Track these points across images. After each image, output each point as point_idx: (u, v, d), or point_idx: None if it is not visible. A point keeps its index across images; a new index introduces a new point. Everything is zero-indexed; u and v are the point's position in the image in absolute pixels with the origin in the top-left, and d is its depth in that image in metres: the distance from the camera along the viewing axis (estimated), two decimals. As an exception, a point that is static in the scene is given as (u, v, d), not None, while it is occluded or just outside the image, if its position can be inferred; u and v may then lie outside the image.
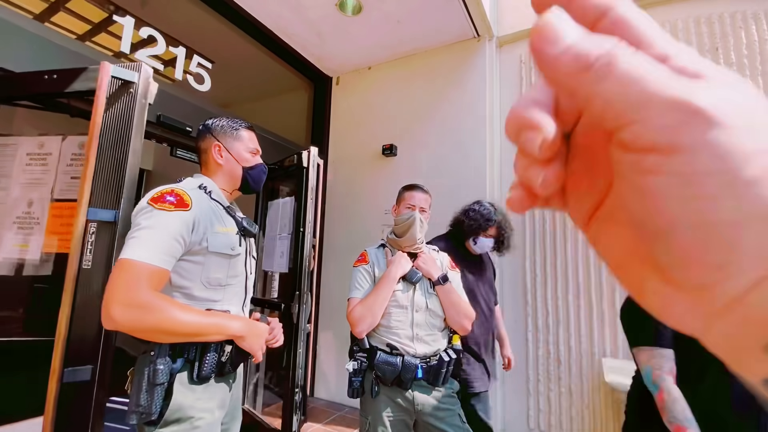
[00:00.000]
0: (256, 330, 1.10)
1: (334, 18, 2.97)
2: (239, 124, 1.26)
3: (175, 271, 1.01)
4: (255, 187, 1.27)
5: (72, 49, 1.98)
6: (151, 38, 2.46)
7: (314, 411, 3.19)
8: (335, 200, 3.69)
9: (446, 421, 1.41)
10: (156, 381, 0.95)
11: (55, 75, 1.58)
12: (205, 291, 1.06)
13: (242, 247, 1.16)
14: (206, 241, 1.04)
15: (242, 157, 1.23)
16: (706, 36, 2.57)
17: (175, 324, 0.93)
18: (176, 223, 0.98)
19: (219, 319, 1.03)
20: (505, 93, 3.20)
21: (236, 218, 1.18)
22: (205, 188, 1.14)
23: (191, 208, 1.02)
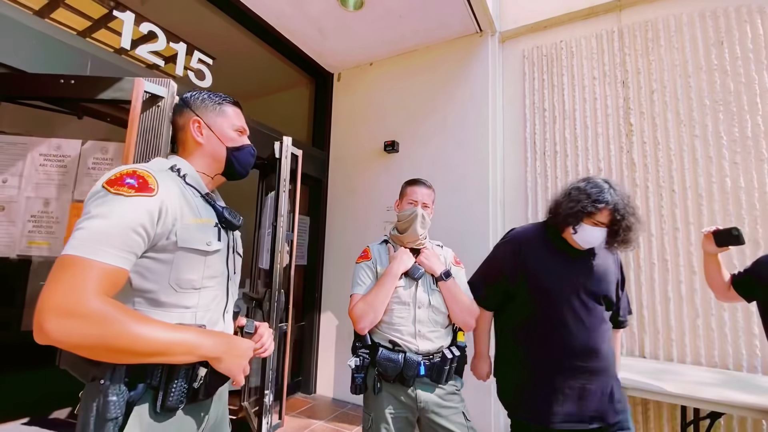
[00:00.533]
0: (236, 350, 0.89)
1: (335, 13, 2.95)
2: (223, 98, 1.08)
3: (136, 271, 0.81)
4: (241, 172, 1.08)
5: (72, 44, 1.96)
6: (152, 34, 2.44)
7: (317, 408, 3.19)
8: (337, 197, 3.68)
9: (450, 419, 1.40)
10: (107, 416, 0.75)
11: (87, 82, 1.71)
12: (175, 295, 0.86)
13: (222, 242, 0.97)
14: (175, 235, 0.85)
15: (226, 135, 1.04)
16: (712, 30, 2.54)
17: (131, 340, 0.72)
18: (136, 211, 0.78)
19: (189, 335, 0.82)
20: (508, 88, 3.18)
21: (216, 207, 1.00)
22: (179, 171, 0.96)
23: (156, 194, 0.82)
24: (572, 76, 2.93)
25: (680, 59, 2.60)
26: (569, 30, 3.00)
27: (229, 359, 0.87)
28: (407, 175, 2.14)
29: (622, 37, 2.79)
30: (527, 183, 2.98)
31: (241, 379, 0.90)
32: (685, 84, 2.57)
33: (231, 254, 1.03)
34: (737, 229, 1.58)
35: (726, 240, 1.59)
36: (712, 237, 1.63)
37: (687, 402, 1.82)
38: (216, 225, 0.97)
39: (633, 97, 2.70)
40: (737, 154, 2.39)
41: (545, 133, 2.97)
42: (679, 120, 2.55)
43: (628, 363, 2.30)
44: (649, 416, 2.38)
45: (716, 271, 1.69)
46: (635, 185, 2.61)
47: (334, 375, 3.43)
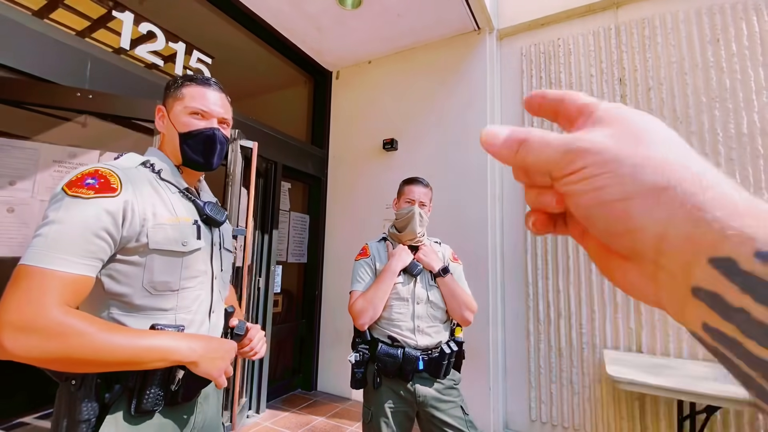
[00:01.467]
0: (214, 352, 0.84)
1: (333, 12, 2.96)
2: (191, 78, 0.98)
3: (107, 275, 0.78)
4: (198, 161, 0.95)
5: (71, 45, 1.98)
6: (151, 34, 2.45)
7: (317, 404, 3.22)
8: (336, 195, 3.69)
9: (448, 413, 1.42)
10: (79, 417, 0.73)
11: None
12: (150, 298, 0.82)
13: (203, 240, 0.92)
14: (146, 236, 0.80)
15: (179, 120, 0.94)
16: (708, 27, 2.55)
17: (96, 352, 0.69)
18: (96, 213, 0.74)
19: (162, 340, 0.78)
20: (506, 86, 3.20)
21: (197, 203, 0.94)
22: (152, 166, 0.90)
23: (119, 193, 0.78)
24: (570, 73, 2.94)
25: (677, 56, 2.61)
26: (567, 27, 3.01)
27: (207, 362, 0.82)
28: (406, 173, 2.15)
29: (619, 34, 2.81)
30: (525, 180, 3.00)
31: (222, 382, 0.86)
32: (682, 81, 2.58)
33: (217, 251, 0.99)
34: None
35: None
36: None
37: (683, 396, 1.84)
38: (195, 222, 0.91)
39: (630, 95, 2.72)
40: (733, 151, 2.40)
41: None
42: (676, 117, 2.57)
43: (624, 358, 2.32)
44: (645, 411, 2.41)
45: None
46: (632, 182, 2.63)
47: (334, 372, 3.46)
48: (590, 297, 2.66)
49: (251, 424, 2.81)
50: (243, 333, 1.03)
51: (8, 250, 1.77)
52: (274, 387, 3.23)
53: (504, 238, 3.03)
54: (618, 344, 2.54)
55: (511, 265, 2.98)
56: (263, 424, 2.82)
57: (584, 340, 2.64)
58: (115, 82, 2.14)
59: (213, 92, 0.98)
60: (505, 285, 2.98)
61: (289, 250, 3.55)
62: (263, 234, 3.11)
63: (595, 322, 2.62)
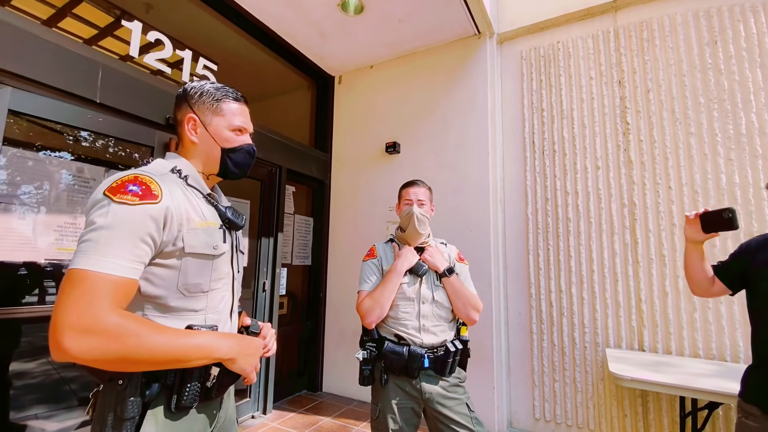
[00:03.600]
0: (248, 348, 0.91)
1: (336, 18, 3.01)
2: (224, 92, 1.02)
3: (144, 278, 0.81)
4: (237, 173, 1.04)
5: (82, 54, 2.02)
6: (158, 41, 2.51)
7: (323, 405, 3.25)
8: (339, 198, 3.74)
9: (454, 410, 1.46)
10: (125, 415, 0.77)
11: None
12: (184, 300, 0.87)
13: (227, 244, 0.97)
14: (182, 240, 0.84)
15: (222, 135, 0.99)
16: (705, 29, 2.59)
17: (149, 351, 0.74)
18: (142, 219, 0.77)
19: (205, 339, 0.83)
20: (507, 89, 3.24)
21: (219, 208, 0.98)
22: (180, 172, 0.94)
23: (161, 200, 0.81)
24: (569, 76, 2.98)
25: (675, 58, 2.65)
26: (566, 31, 3.05)
27: (243, 359, 0.88)
28: (409, 176, 2.19)
29: (617, 37, 2.85)
30: (527, 181, 3.04)
31: (253, 377, 0.92)
32: (680, 83, 2.62)
33: (236, 253, 1.03)
34: (731, 210, 1.33)
35: (716, 224, 1.36)
36: (698, 221, 1.41)
37: (685, 393, 1.87)
38: (220, 227, 0.95)
39: (629, 96, 2.76)
40: (732, 151, 2.44)
41: (544, 132, 3.03)
42: (675, 118, 2.61)
43: (626, 356, 2.35)
44: (648, 408, 2.43)
45: (700, 261, 1.47)
46: (632, 183, 2.67)
47: (339, 372, 3.49)
48: (592, 296, 2.69)
49: (258, 424, 2.85)
50: (258, 331, 1.07)
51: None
52: (280, 388, 3.27)
53: (506, 240, 3.06)
54: (620, 342, 2.57)
55: (513, 266, 3.01)
56: (270, 424, 2.85)
57: (586, 338, 2.67)
58: (124, 90, 2.19)
59: (245, 108, 1.06)
60: (507, 285, 3.02)
61: (294, 253, 3.59)
62: (268, 237, 3.16)
63: (597, 321, 2.66)
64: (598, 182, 2.78)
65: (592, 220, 2.76)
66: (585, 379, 2.65)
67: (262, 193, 3.21)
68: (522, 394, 2.87)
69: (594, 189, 2.79)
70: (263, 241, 3.12)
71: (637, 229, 2.62)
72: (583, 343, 2.68)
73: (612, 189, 2.73)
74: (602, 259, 2.69)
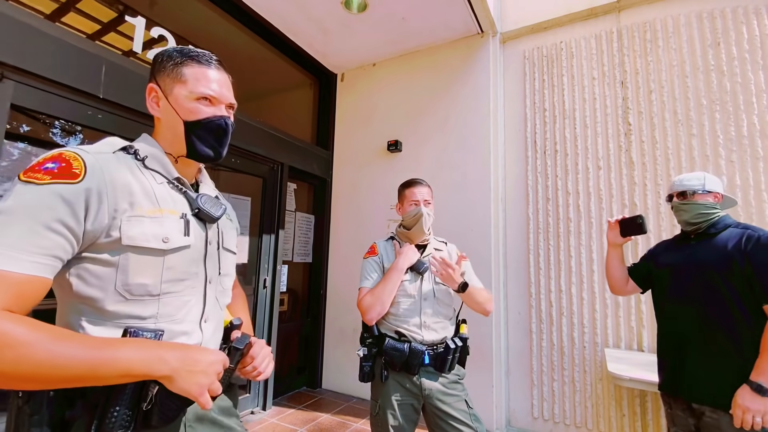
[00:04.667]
0: (195, 365, 0.70)
1: (339, 15, 3.01)
2: (186, 54, 0.84)
3: (76, 274, 0.68)
4: (205, 152, 0.85)
5: (86, 49, 2.03)
6: (162, 37, 2.51)
7: (323, 402, 3.27)
8: (341, 195, 3.74)
9: (453, 406, 1.47)
10: None
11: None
12: (124, 304, 0.70)
13: (193, 237, 0.80)
14: (118, 230, 0.69)
15: (183, 106, 0.82)
16: (708, 31, 2.59)
17: (36, 366, 0.57)
18: (49, 202, 0.63)
19: (129, 351, 0.65)
20: (509, 88, 3.24)
21: (188, 195, 0.83)
22: (136, 152, 0.79)
23: (82, 179, 0.66)
24: (572, 76, 2.98)
25: (678, 60, 2.65)
26: (569, 31, 3.05)
27: (184, 377, 0.68)
28: (410, 174, 2.20)
29: (621, 38, 2.85)
30: (528, 181, 3.04)
31: (205, 401, 0.70)
32: (683, 84, 2.62)
33: (213, 251, 0.86)
34: (641, 217, 1.56)
35: (630, 229, 1.58)
36: (618, 226, 1.63)
37: (683, 393, 1.88)
38: (183, 216, 0.79)
39: (632, 97, 2.76)
40: (733, 153, 2.44)
41: (545, 132, 3.03)
42: (677, 119, 2.61)
43: (625, 356, 2.36)
44: (647, 408, 2.44)
45: (618, 262, 1.69)
46: (634, 183, 2.67)
47: (339, 369, 3.50)
48: (591, 296, 2.70)
49: (258, 420, 2.86)
50: (242, 347, 0.84)
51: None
52: (279, 384, 3.28)
53: (507, 239, 3.07)
54: (619, 343, 2.58)
55: (513, 265, 3.02)
56: (270, 420, 2.87)
57: (586, 338, 2.68)
58: (128, 86, 2.19)
59: (218, 73, 0.87)
60: (508, 285, 3.02)
61: (295, 250, 3.60)
62: (270, 234, 3.17)
63: (596, 321, 2.66)
64: (599, 183, 2.78)
65: (593, 220, 2.77)
66: (584, 378, 2.66)
67: (264, 190, 3.22)
68: (521, 393, 2.88)
69: (595, 189, 2.79)
70: (264, 238, 3.13)
71: (637, 230, 2.62)
72: (583, 343, 2.69)
73: (613, 189, 2.73)
74: (602, 259, 2.70)
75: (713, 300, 1.37)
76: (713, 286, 1.37)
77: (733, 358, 1.31)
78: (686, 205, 1.47)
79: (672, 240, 1.64)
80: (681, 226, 1.55)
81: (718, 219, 1.45)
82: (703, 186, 1.46)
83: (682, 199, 1.49)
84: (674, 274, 1.51)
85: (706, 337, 1.37)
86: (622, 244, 1.67)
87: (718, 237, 1.42)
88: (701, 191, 1.46)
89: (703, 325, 1.38)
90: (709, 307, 1.37)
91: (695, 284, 1.43)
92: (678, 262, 1.51)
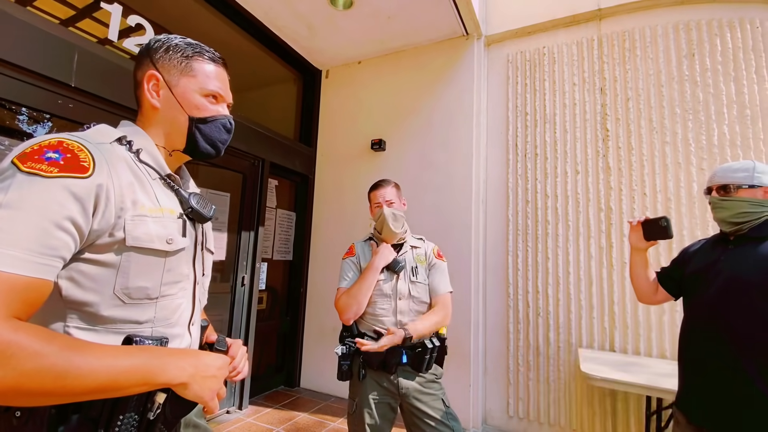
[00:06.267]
0: (207, 369, 0.69)
1: (324, 11, 2.98)
2: (197, 49, 0.82)
3: (68, 277, 0.62)
4: (207, 150, 0.83)
5: (57, 35, 1.95)
6: (139, 26, 2.43)
7: (300, 400, 3.24)
8: (324, 193, 3.72)
9: (429, 405, 1.48)
10: None
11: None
12: (122, 309, 0.66)
13: (188, 238, 0.77)
14: (123, 230, 0.65)
15: (191, 101, 0.79)
16: (684, 42, 2.67)
17: (58, 378, 0.52)
18: (61, 198, 0.57)
19: (145, 358, 0.62)
20: (492, 91, 3.28)
21: (181, 193, 0.79)
22: (130, 143, 0.73)
23: (92, 174, 0.61)
24: (554, 81, 3.04)
25: (654, 69, 2.73)
26: (552, 37, 3.10)
27: (199, 383, 0.66)
28: (393, 174, 2.20)
29: (601, 45, 2.91)
30: (509, 183, 3.09)
31: (214, 406, 0.69)
32: (659, 93, 2.70)
33: (199, 252, 0.83)
34: (666, 219, 1.36)
35: (655, 233, 1.40)
36: (640, 228, 1.44)
37: (651, 392, 1.94)
38: (180, 216, 0.76)
39: (610, 104, 2.83)
40: (704, 161, 2.53)
41: (527, 135, 3.08)
42: (652, 127, 2.69)
43: (598, 356, 2.42)
44: (617, 407, 2.52)
45: (643, 268, 1.48)
46: (610, 188, 2.74)
47: (318, 368, 3.48)
48: (567, 298, 2.76)
49: (233, 419, 2.82)
50: (225, 349, 0.86)
51: None
52: (256, 383, 3.24)
53: (487, 240, 3.11)
54: (592, 343, 2.65)
55: (493, 266, 3.06)
56: (246, 420, 2.83)
57: (561, 338, 2.74)
58: (101, 75, 2.11)
59: (224, 71, 0.85)
60: (487, 285, 3.06)
61: (275, 247, 3.56)
62: (249, 231, 3.12)
63: (571, 321, 2.73)
64: (577, 186, 2.85)
65: (570, 223, 2.83)
66: (558, 377, 2.72)
67: (244, 186, 3.16)
68: (497, 392, 2.93)
69: (573, 193, 2.85)
70: (243, 235, 3.07)
71: (612, 234, 2.69)
72: (558, 343, 2.75)
73: (590, 194, 2.80)
74: (578, 261, 2.76)
75: (745, 321, 1.13)
76: (745, 303, 1.13)
77: (762, 393, 1.08)
78: (726, 202, 1.21)
79: (709, 240, 1.37)
80: (718, 225, 1.28)
81: (767, 220, 1.18)
82: (751, 179, 1.19)
83: (723, 194, 1.23)
84: (702, 283, 1.27)
85: (731, 363, 1.14)
86: (646, 249, 1.46)
87: (763, 244, 1.16)
88: (747, 186, 1.18)
89: (729, 349, 1.15)
90: (739, 328, 1.14)
91: (725, 298, 1.19)
92: (709, 269, 1.26)
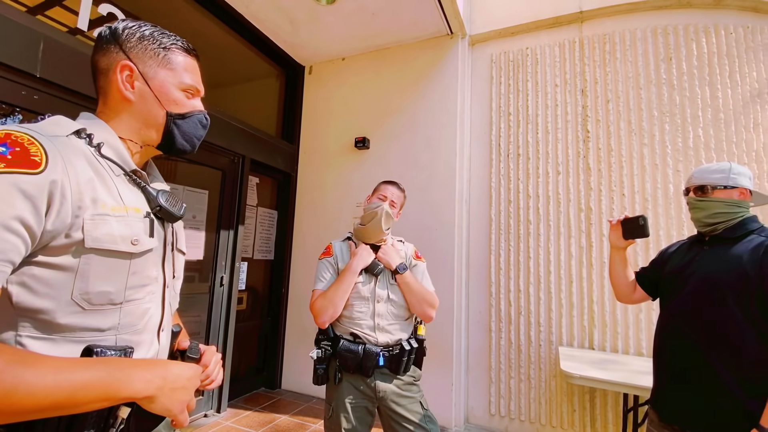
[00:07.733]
0: (177, 380, 0.64)
1: (307, 6, 2.92)
2: (173, 39, 0.77)
3: (19, 283, 0.56)
4: (184, 146, 0.80)
5: (21, 23, 1.84)
6: (111, 15, 2.33)
7: (281, 402, 3.19)
8: (306, 191, 3.66)
9: (407, 408, 1.46)
10: None
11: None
12: (80, 316, 0.60)
13: (156, 239, 0.72)
14: (80, 230, 0.59)
15: (169, 96, 0.75)
16: (662, 46, 2.73)
17: (12, 395, 0.48)
18: (7, 196, 0.52)
19: (105, 372, 0.56)
20: (476, 91, 3.28)
21: (148, 191, 0.73)
22: (90, 136, 0.67)
23: (44, 169, 0.55)
24: (536, 82, 3.06)
25: (633, 72, 2.78)
26: (535, 38, 3.12)
27: (167, 395, 0.62)
28: (377, 172, 2.16)
29: (582, 47, 2.95)
30: (491, 183, 3.10)
31: (184, 419, 0.65)
32: (637, 96, 2.75)
33: (169, 253, 0.78)
34: (644, 218, 1.38)
35: (633, 231, 1.41)
36: (620, 227, 1.45)
37: (628, 390, 1.97)
38: (147, 215, 0.71)
39: (591, 106, 2.86)
40: (680, 163, 2.59)
41: (510, 136, 3.09)
42: (631, 129, 2.73)
43: (577, 354, 2.45)
44: (595, 403, 2.56)
45: (622, 267, 1.50)
46: (590, 189, 2.78)
47: (299, 370, 3.43)
48: (548, 296, 2.79)
49: (212, 423, 2.75)
50: (197, 356, 0.81)
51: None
52: (236, 385, 3.17)
53: (470, 238, 3.11)
54: (572, 341, 2.69)
55: (475, 265, 3.07)
56: (224, 423, 2.76)
57: (542, 337, 2.77)
58: (69, 65, 2.01)
59: (197, 65, 0.82)
60: (469, 284, 3.07)
61: (256, 247, 3.48)
62: (228, 230, 3.04)
63: (552, 320, 2.76)
64: (558, 187, 2.87)
65: (551, 223, 2.85)
66: (539, 376, 2.75)
67: (223, 183, 3.08)
68: (479, 391, 2.94)
69: (554, 193, 2.88)
70: (222, 234, 3.00)
71: (592, 234, 2.73)
72: (539, 342, 2.77)
73: (571, 194, 2.83)
74: (559, 261, 2.79)
75: (718, 321, 1.15)
76: (719, 304, 1.15)
77: (733, 391, 1.10)
78: (702, 203, 1.23)
79: (686, 241, 1.39)
80: (695, 225, 1.30)
81: (741, 221, 1.20)
82: (726, 180, 1.20)
83: (699, 195, 1.25)
84: (677, 284, 1.29)
85: (704, 363, 1.16)
86: (625, 248, 1.48)
87: (736, 245, 1.18)
88: (723, 186, 1.20)
89: (702, 350, 1.17)
90: (711, 329, 1.16)
91: (698, 299, 1.21)
92: (683, 270, 1.28)
